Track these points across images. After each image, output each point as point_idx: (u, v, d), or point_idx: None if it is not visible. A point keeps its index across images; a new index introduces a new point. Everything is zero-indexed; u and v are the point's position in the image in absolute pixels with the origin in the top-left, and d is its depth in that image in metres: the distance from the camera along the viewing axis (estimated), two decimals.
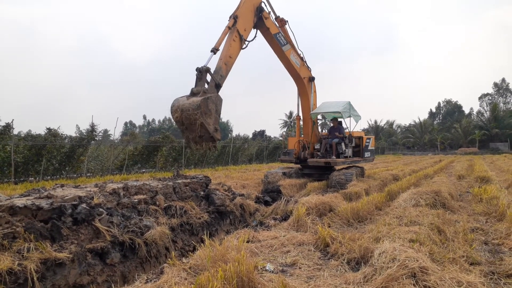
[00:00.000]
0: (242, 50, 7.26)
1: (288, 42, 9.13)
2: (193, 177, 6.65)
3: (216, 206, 5.86)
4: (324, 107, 10.63)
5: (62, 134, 13.19)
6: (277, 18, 9.03)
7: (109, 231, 3.85)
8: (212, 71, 6.17)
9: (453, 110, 78.45)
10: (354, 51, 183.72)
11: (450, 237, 4.19)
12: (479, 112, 68.21)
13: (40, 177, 11.90)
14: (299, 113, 10.76)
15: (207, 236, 3.96)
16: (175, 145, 17.95)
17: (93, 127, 14.01)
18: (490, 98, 70.89)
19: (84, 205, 3.91)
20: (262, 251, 3.86)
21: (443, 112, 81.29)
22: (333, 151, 9.93)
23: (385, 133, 66.73)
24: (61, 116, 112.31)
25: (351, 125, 10.80)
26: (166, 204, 5.11)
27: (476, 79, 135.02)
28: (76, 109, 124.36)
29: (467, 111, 74.78)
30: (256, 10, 7.76)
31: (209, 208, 5.77)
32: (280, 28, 8.94)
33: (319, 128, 11.35)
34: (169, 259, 3.39)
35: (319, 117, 11.36)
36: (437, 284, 2.66)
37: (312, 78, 10.42)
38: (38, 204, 3.62)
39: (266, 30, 8.35)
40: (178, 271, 3.05)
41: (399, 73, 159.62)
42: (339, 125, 10.67)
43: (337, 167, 10.16)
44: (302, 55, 9.87)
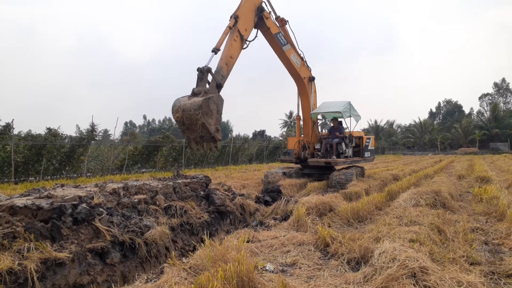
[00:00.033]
0: (243, 50, 7.27)
1: (289, 42, 9.13)
2: (193, 177, 6.65)
3: (216, 206, 5.86)
4: (325, 107, 10.64)
5: (62, 134, 13.22)
6: (278, 18, 9.03)
7: (109, 231, 3.84)
8: (213, 71, 6.16)
9: (453, 110, 78.44)
10: (354, 51, 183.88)
11: (450, 237, 4.19)
12: (479, 112, 68.27)
13: (40, 177, 11.91)
14: (299, 113, 10.76)
15: (207, 236, 3.96)
16: (175, 145, 17.96)
17: (93, 127, 14.03)
18: (490, 98, 70.88)
19: (84, 205, 3.91)
20: (262, 251, 3.86)
21: (443, 112, 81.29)
22: (334, 151, 9.93)
23: (385, 133, 66.73)
24: (61, 116, 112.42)
25: (351, 125, 10.81)
26: (166, 204, 5.11)
27: (476, 79, 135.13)
28: (76, 109, 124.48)
29: (467, 111, 74.84)
30: (257, 10, 7.76)
31: (209, 208, 5.77)
32: (281, 28, 8.94)
33: (319, 128, 11.35)
34: (169, 259, 3.39)
35: (319, 117, 11.37)
36: (437, 284, 2.66)
37: (312, 78, 10.42)
38: (38, 204, 3.62)
39: (267, 30, 8.35)
40: (178, 271, 3.05)
41: (399, 73, 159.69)
42: (339, 125, 10.68)
43: (337, 167, 10.17)
44: (302, 55, 9.88)
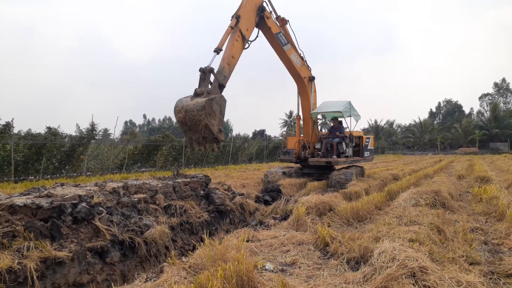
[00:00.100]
0: (244, 50, 7.25)
1: (289, 42, 9.12)
2: (193, 176, 6.65)
3: (216, 205, 5.86)
4: (325, 107, 10.64)
5: (62, 133, 13.21)
6: (278, 18, 9.02)
7: (109, 230, 3.85)
8: (215, 71, 6.13)
9: (453, 110, 78.42)
10: (354, 51, 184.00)
11: (450, 237, 4.19)
12: (479, 112, 68.21)
13: (40, 176, 11.91)
14: (299, 113, 10.76)
15: (207, 235, 3.96)
16: (175, 144, 17.95)
17: (93, 126, 14.03)
18: (490, 98, 70.86)
19: (84, 204, 3.91)
20: (262, 251, 3.86)
21: (443, 112, 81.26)
22: (334, 151, 9.94)
23: (385, 133, 66.71)
24: (61, 116, 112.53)
25: (351, 125, 10.81)
26: (166, 203, 5.11)
27: (476, 79, 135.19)
28: (76, 109, 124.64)
29: (467, 111, 74.81)
30: (258, 10, 7.75)
31: (209, 207, 5.77)
32: (281, 28, 8.94)
33: (319, 128, 11.35)
34: (169, 258, 3.39)
35: (319, 117, 11.37)
36: (437, 284, 2.66)
37: (312, 78, 10.41)
38: (38, 203, 3.62)
39: (268, 30, 8.34)
40: (178, 270, 3.05)
41: (399, 73, 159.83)
42: (340, 125, 10.67)
43: (338, 167, 10.17)
44: (303, 55, 9.88)
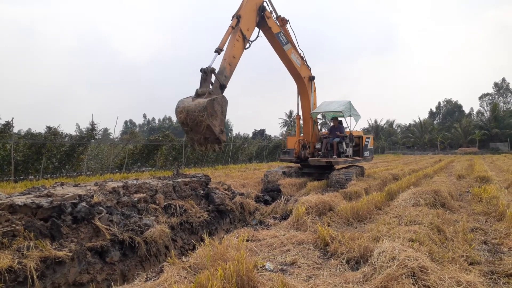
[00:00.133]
0: (245, 50, 7.23)
1: (289, 42, 9.12)
2: (193, 176, 6.65)
3: (216, 205, 5.86)
4: (325, 107, 10.64)
5: (62, 133, 13.20)
6: (278, 18, 9.01)
7: (109, 230, 3.85)
8: (216, 72, 6.11)
9: (453, 110, 78.40)
10: (354, 51, 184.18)
11: (450, 237, 4.19)
12: (479, 112, 68.18)
13: (40, 176, 11.90)
14: (299, 113, 10.76)
15: (207, 235, 3.96)
16: (175, 144, 17.95)
17: (93, 126, 14.02)
18: (490, 98, 70.85)
19: (84, 204, 3.91)
20: (262, 250, 3.86)
21: (443, 112, 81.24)
22: (334, 151, 9.94)
23: (385, 133, 66.70)
24: (61, 116, 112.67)
25: (351, 125, 10.82)
26: (166, 203, 5.11)
27: (476, 79, 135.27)
28: (76, 109, 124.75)
29: (467, 111, 74.80)
30: (259, 10, 7.74)
31: (209, 207, 5.77)
32: (281, 28, 8.93)
33: (319, 128, 11.35)
34: (169, 258, 3.39)
35: (319, 117, 11.37)
36: (437, 284, 2.66)
37: (312, 78, 10.41)
38: (38, 203, 3.62)
39: (268, 30, 8.33)
40: (178, 270, 3.05)
41: (399, 73, 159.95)
42: (340, 125, 10.68)
43: (338, 167, 10.17)
44: (303, 55, 9.87)
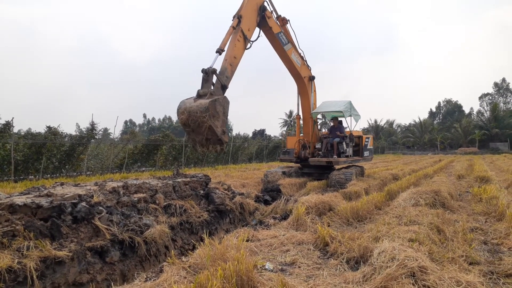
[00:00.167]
0: (246, 51, 7.21)
1: (289, 41, 9.12)
2: (193, 176, 6.65)
3: (216, 205, 5.86)
4: (325, 106, 10.64)
5: (62, 133, 13.19)
6: (279, 18, 9.01)
7: (109, 230, 3.85)
8: (217, 72, 6.09)
9: (453, 110, 78.39)
10: (354, 51, 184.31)
11: (450, 237, 4.19)
12: (479, 112, 68.17)
13: (40, 175, 11.90)
14: (299, 112, 10.76)
15: (207, 235, 3.96)
16: (175, 144, 17.95)
17: (93, 126, 14.02)
18: (490, 98, 70.83)
19: (84, 204, 3.91)
20: (262, 250, 3.86)
21: (443, 112, 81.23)
22: (334, 150, 9.94)
23: (385, 133, 66.70)
24: (61, 116, 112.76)
25: (351, 125, 10.82)
26: (166, 203, 5.11)
27: (476, 79, 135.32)
28: (76, 109, 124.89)
29: (467, 111, 74.79)
30: (259, 10, 7.73)
31: (209, 207, 5.77)
32: (282, 28, 8.93)
33: (318, 127, 11.35)
34: (169, 258, 3.39)
35: (319, 117, 11.37)
36: (436, 284, 2.66)
37: (312, 77, 10.41)
38: (38, 202, 3.62)
39: (269, 30, 8.32)
40: (178, 270, 3.05)
41: (399, 73, 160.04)
42: (340, 124, 10.67)
43: (338, 166, 10.17)
44: (303, 55, 9.87)
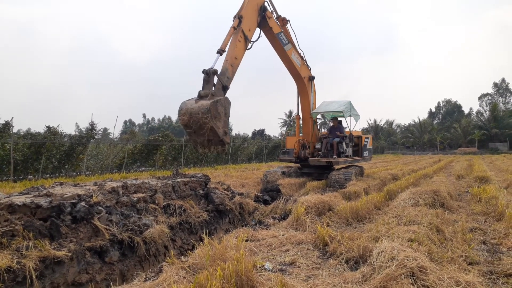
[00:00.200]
0: (246, 51, 7.19)
1: (290, 42, 9.12)
2: (192, 176, 6.65)
3: (215, 205, 5.86)
4: (325, 107, 10.64)
5: (62, 133, 13.19)
6: (279, 18, 9.01)
7: (108, 230, 3.84)
8: (218, 73, 6.07)
9: (453, 110, 78.46)
10: (354, 51, 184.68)
11: (449, 237, 4.20)
12: (479, 112, 68.27)
13: (39, 175, 11.89)
14: (299, 112, 10.76)
15: (206, 235, 3.95)
16: (175, 144, 17.95)
17: (93, 126, 14.01)
18: (490, 98, 70.90)
19: (83, 204, 3.91)
20: (261, 250, 3.86)
21: (443, 112, 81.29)
22: (334, 151, 9.94)
23: (385, 133, 66.74)
24: (61, 116, 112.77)
25: (351, 125, 10.82)
26: (165, 203, 5.11)
27: (476, 79, 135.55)
28: (76, 109, 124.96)
29: (467, 111, 74.88)
30: (260, 10, 7.73)
31: (208, 207, 5.77)
32: (282, 28, 8.93)
33: (318, 127, 11.35)
34: (168, 258, 3.39)
35: (318, 117, 11.37)
36: (436, 284, 2.66)
37: (312, 78, 10.41)
38: (37, 202, 3.62)
39: (269, 30, 8.32)
40: (177, 270, 3.05)
41: (399, 73, 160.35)
42: (339, 125, 10.68)
43: (338, 167, 10.18)
44: (303, 55, 9.87)
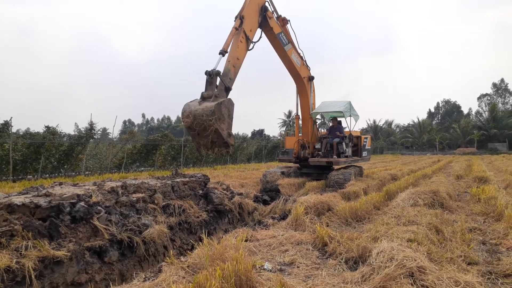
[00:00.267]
0: (248, 52, 7.17)
1: (290, 42, 9.12)
2: (192, 176, 6.65)
3: (215, 205, 5.86)
4: (325, 107, 10.64)
5: (61, 132, 13.18)
6: (279, 18, 9.01)
7: (107, 230, 3.84)
8: (221, 74, 6.05)
9: (452, 110, 78.58)
10: (354, 51, 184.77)
11: (448, 237, 4.20)
12: (478, 112, 68.39)
13: (39, 175, 11.88)
14: (298, 113, 10.76)
15: (206, 235, 3.95)
16: (174, 144, 17.94)
17: (92, 126, 14.00)
18: (489, 99, 71.04)
19: (83, 204, 3.90)
20: (260, 250, 3.86)
21: (442, 112, 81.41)
22: (334, 151, 9.94)
23: (384, 133, 66.80)
24: (61, 116, 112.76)
25: (351, 125, 10.83)
26: (165, 203, 5.11)
27: (475, 79, 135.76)
28: (76, 109, 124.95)
29: (466, 111, 75.06)
30: (261, 10, 7.73)
31: (208, 207, 5.77)
32: (282, 28, 8.94)
33: (317, 128, 11.36)
34: (167, 258, 3.38)
35: (318, 117, 11.38)
36: (435, 284, 2.66)
37: (312, 78, 10.41)
38: (36, 202, 3.61)
39: (270, 30, 8.32)
40: (176, 270, 3.05)
41: (399, 73, 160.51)
42: (339, 125, 10.68)
43: (337, 167, 10.18)
44: (302, 55, 9.88)
